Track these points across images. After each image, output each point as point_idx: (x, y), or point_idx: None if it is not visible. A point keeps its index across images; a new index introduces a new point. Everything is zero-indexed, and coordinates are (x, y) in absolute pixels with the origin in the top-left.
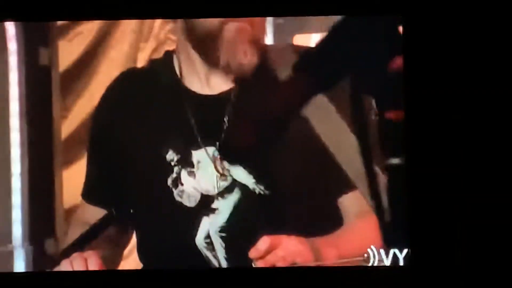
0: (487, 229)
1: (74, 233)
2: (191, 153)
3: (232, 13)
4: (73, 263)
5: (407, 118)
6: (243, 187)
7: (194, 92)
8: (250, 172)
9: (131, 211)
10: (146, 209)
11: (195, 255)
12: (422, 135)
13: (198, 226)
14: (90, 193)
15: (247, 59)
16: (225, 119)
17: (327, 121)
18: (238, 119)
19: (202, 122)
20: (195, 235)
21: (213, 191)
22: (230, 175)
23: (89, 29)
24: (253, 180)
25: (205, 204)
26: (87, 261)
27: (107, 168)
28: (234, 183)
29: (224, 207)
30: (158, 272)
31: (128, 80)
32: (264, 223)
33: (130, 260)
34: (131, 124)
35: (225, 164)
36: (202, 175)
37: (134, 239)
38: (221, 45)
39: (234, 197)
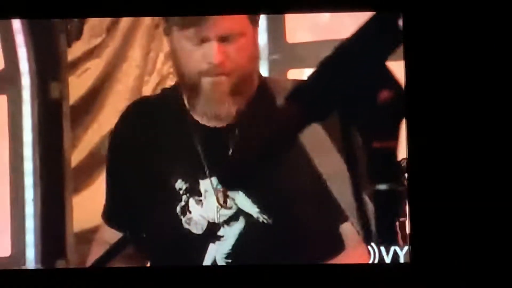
0: (487, 227)
1: (95, 252)
2: (198, 182)
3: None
4: None
5: (408, 119)
6: (248, 216)
7: (201, 124)
8: (254, 202)
9: (144, 235)
10: (157, 234)
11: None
12: (422, 134)
13: (205, 252)
14: (108, 216)
15: (224, 110)
16: (229, 150)
17: (322, 151)
18: (242, 150)
19: (208, 152)
20: (202, 261)
21: (218, 220)
22: (235, 204)
23: (96, 65)
24: (257, 210)
25: (212, 231)
26: None
27: (122, 193)
28: (239, 212)
29: (230, 234)
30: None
31: (140, 109)
32: (267, 251)
33: None
34: (143, 152)
35: (230, 193)
36: (209, 204)
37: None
38: (199, 97)
39: (239, 225)
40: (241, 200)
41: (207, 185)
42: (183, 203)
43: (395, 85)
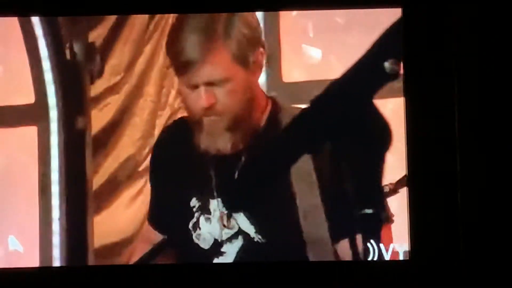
0: (487, 223)
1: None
2: (209, 201)
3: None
4: None
5: (407, 116)
6: (246, 235)
7: (211, 151)
8: (251, 223)
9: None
10: (173, 246)
11: None
12: (422, 132)
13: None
14: (149, 217)
15: (223, 144)
16: (235, 175)
17: (304, 183)
18: (246, 176)
19: (217, 176)
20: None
21: (221, 237)
22: (237, 224)
23: (115, 100)
24: (254, 230)
25: (216, 247)
26: None
27: (157, 201)
28: (239, 231)
29: (231, 251)
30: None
31: (175, 131)
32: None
33: None
34: (170, 171)
35: (233, 214)
36: (216, 222)
37: None
38: (202, 132)
39: (238, 243)
40: (242, 221)
41: (215, 205)
42: (195, 220)
43: (381, 120)
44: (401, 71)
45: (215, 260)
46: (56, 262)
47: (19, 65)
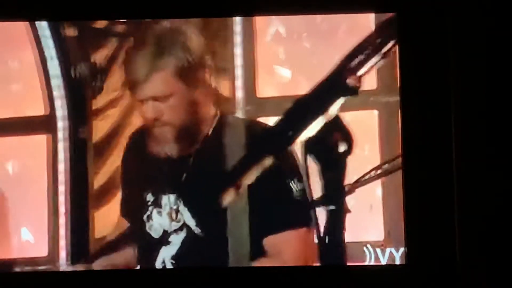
0: (483, 227)
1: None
2: (161, 197)
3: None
4: None
5: (403, 117)
6: (188, 228)
7: (162, 155)
8: (194, 218)
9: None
10: (132, 235)
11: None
12: (417, 132)
13: (158, 253)
14: (121, 213)
15: (170, 150)
16: (183, 176)
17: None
18: (192, 177)
19: (168, 176)
20: (155, 259)
21: (170, 229)
22: (183, 218)
23: (113, 113)
24: (195, 223)
25: (165, 237)
26: None
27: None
28: (184, 224)
29: (176, 241)
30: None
31: (135, 141)
32: (197, 255)
33: None
34: (135, 172)
35: (181, 208)
36: (166, 215)
37: None
38: (152, 141)
39: (182, 234)
40: (187, 215)
41: (166, 200)
42: (149, 212)
43: (344, 132)
44: (360, 88)
45: (163, 248)
46: (62, 252)
47: (34, 82)
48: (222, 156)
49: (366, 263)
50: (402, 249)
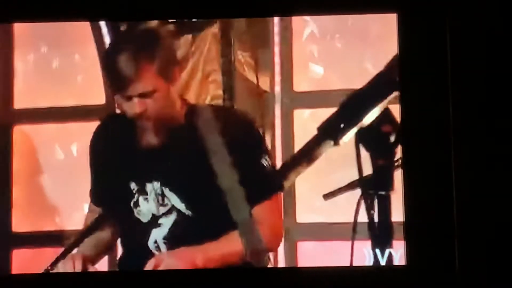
0: (482, 227)
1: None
2: (146, 185)
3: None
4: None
5: (403, 117)
6: (178, 211)
7: (144, 145)
8: (182, 201)
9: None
10: (119, 222)
11: (148, 254)
12: (417, 133)
13: (150, 235)
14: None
15: (154, 141)
16: (166, 163)
17: (223, 167)
18: (174, 163)
19: (151, 164)
20: (147, 240)
21: (158, 213)
22: (171, 202)
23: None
24: (184, 206)
25: (154, 220)
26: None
27: (100, 186)
28: (172, 208)
29: (166, 223)
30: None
31: (111, 127)
32: (187, 234)
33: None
34: (113, 160)
35: (167, 194)
36: (152, 201)
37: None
38: (134, 132)
39: (173, 217)
40: (174, 199)
41: (151, 187)
42: (135, 199)
43: (394, 123)
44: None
45: (154, 230)
46: None
47: (96, 74)
48: (197, 143)
49: (366, 264)
50: (401, 250)
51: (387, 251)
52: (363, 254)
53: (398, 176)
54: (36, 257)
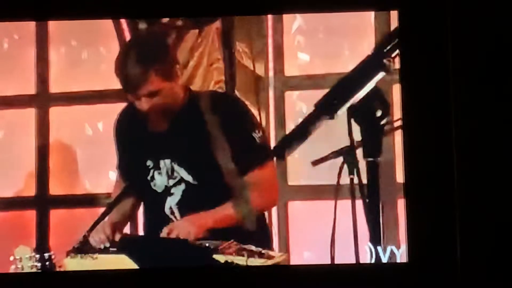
0: (484, 225)
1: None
2: (159, 162)
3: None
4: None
5: (404, 115)
6: (186, 181)
7: (156, 131)
8: (189, 173)
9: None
10: (140, 192)
11: (165, 217)
12: (418, 131)
13: (165, 202)
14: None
15: (161, 127)
16: (175, 144)
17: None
18: (182, 144)
19: (163, 146)
20: (163, 207)
21: (169, 184)
22: (180, 175)
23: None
24: (191, 178)
25: (167, 190)
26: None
27: (124, 165)
28: (182, 179)
29: (177, 192)
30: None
31: (130, 116)
32: (195, 200)
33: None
34: (133, 142)
35: (176, 168)
36: (165, 175)
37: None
38: (146, 122)
39: (182, 186)
40: (183, 173)
41: (163, 164)
42: (151, 174)
43: (382, 100)
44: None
45: (168, 198)
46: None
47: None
48: (198, 123)
49: (367, 261)
50: (403, 247)
51: (388, 248)
52: (365, 252)
53: (399, 176)
54: (69, 216)
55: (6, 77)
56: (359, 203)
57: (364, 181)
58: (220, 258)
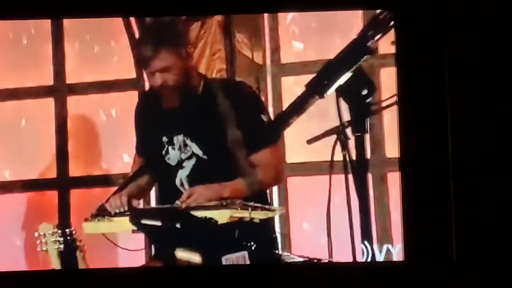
0: (480, 224)
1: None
2: (173, 138)
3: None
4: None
5: (400, 114)
6: (197, 156)
7: (170, 108)
8: (200, 148)
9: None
10: (157, 162)
11: (175, 189)
12: (415, 132)
13: (176, 174)
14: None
15: (173, 104)
16: (187, 121)
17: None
18: (194, 121)
19: (176, 122)
20: (175, 179)
21: (182, 158)
22: (191, 150)
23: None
24: (201, 152)
25: (180, 164)
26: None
27: (142, 141)
28: (193, 154)
29: (188, 165)
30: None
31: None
32: (204, 174)
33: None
34: (149, 120)
35: (188, 143)
36: (178, 150)
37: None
38: (161, 100)
39: (193, 160)
40: (194, 147)
41: (176, 139)
42: (165, 149)
43: (366, 80)
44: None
45: (179, 171)
46: None
47: (127, 56)
48: (211, 106)
49: (363, 259)
50: (399, 246)
51: (384, 247)
52: (361, 250)
53: (395, 177)
54: (87, 195)
55: (26, 70)
56: (352, 178)
57: (355, 156)
58: (225, 212)
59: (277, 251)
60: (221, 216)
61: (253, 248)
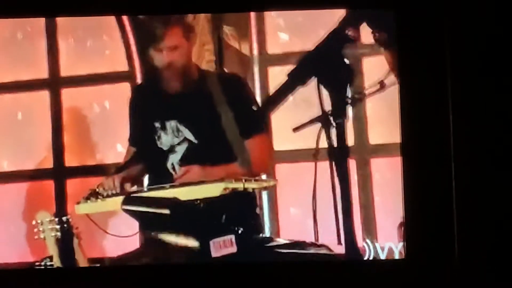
0: (481, 222)
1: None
2: (165, 122)
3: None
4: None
5: (402, 113)
6: (189, 141)
7: (165, 92)
8: (192, 134)
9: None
10: (149, 149)
11: (167, 173)
12: (416, 128)
13: (168, 158)
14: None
15: (175, 87)
16: (182, 105)
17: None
18: (189, 106)
19: (170, 106)
20: (167, 163)
21: (174, 143)
22: (184, 135)
23: None
24: (193, 137)
25: (172, 148)
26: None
27: (135, 129)
28: (185, 138)
29: (180, 150)
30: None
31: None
32: (195, 158)
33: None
34: (143, 108)
35: (181, 129)
36: (171, 134)
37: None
38: (162, 83)
39: (185, 145)
40: (186, 133)
41: (169, 124)
42: (158, 134)
43: (346, 67)
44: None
45: (171, 155)
46: None
47: (118, 49)
48: (205, 94)
49: (366, 257)
50: (401, 244)
51: (386, 245)
52: (363, 248)
53: (397, 178)
54: (83, 184)
55: (21, 64)
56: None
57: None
58: (220, 185)
59: (262, 235)
60: (216, 188)
61: (239, 232)
